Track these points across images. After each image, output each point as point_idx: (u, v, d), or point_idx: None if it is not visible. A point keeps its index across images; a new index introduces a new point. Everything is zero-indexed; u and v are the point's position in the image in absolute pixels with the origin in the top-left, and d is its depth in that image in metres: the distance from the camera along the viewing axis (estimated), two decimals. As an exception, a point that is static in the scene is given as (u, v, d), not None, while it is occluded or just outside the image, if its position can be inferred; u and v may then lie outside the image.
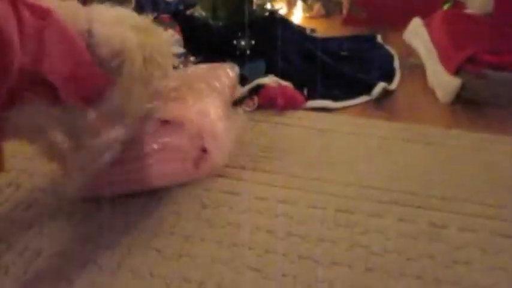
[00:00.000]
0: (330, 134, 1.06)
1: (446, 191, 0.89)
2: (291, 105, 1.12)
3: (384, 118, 1.14)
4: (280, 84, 1.16)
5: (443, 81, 1.20)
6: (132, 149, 0.79)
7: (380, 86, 1.20)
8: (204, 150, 0.84)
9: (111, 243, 0.78)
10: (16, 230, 0.80)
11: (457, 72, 1.17)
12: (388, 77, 1.28)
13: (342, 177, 0.93)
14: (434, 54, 1.27)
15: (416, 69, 1.33)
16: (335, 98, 1.18)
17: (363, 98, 1.20)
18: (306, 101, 1.16)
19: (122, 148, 0.79)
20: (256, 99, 1.10)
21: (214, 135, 0.82)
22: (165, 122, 0.82)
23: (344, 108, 1.18)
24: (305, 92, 1.17)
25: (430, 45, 1.30)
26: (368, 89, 1.21)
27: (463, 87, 1.16)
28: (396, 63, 1.35)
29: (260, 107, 1.11)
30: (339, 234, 0.80)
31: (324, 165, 0.96)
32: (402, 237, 0.79)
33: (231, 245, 0.78)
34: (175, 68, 1.23)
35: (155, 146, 0.80)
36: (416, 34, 1.39)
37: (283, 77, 1.19)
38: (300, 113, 1.13)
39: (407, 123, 1.11)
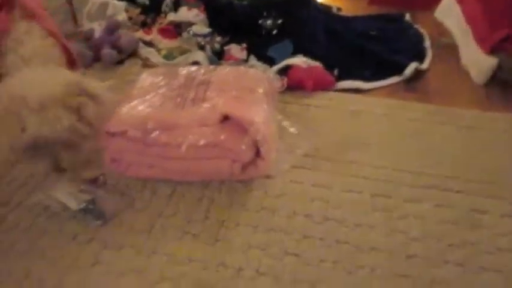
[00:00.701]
0: (362, 116, 1.03)
1: (484, 176, 0.87)
2: (321, 86, 1.09)
3: (416, 100, 1.10)
4: (309, 65, 1.12)
5: (477, 61, 1.16)
6: (179, 135, 0.76)
7: (412, 66, 1.16)
8: (257, 156, 0.80)
9: (145, 227, 0.77)
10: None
11: (492, 51, 1.13)
12: (419, 57, 1.24)
13: (377, 160, 0.90)
14: (468, 33, 1.22)
15: (448, 49, 1.29)
16: (366, 79, 1.14)
17: (394, 79, 1.16)
18: (336, 82, 1.12)
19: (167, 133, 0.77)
20: (285, 80, 1.06)
21: (272, 145, 0.79)
22: (226, 118, 0.78)
23: (375, 89, 1.15)
24: (336, 72, 1.14)
25: (464, 24, 1.25)
26: (399, 70, 1.17)
27: (498, 67, 1.12)
28: (427, 43, 1.31)
29: (289, 89, 1.08)
30: (376, 219, 0.78)
31: (358, 147, 0.94)
32: (442, 223, 0.77)
33: (268, 230, 0.77)
34: (202, 49, 1.21)
35: (209, 140, 0.76)
36: (449, 12, 1.34)
37: (311, 57, 1.16)
38: (331, 94, 1.10)
39: (441, 105, 1.08)
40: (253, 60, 1.20)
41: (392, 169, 0.89)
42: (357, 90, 1.14)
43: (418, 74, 1.19)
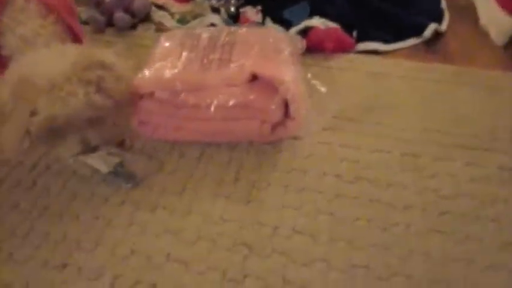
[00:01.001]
0: (384, 78, 1.02)
1: (509, 134, 0.86)
2: (341, 48, 1.07)
3: (436, 61, 1.09)
4: (328, 27, 1.10)
5: (498, 21, 1.14)
6: (208, 96, 0.75)
7: (431, 27, 1.15)
8: (286, 117, 0.78)
9: (177, 189, 0.76)
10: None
11: (512, 11, 1.11)
12: (437, 18, 1.21)
13: (402, 121, 0.90)
14: (487, -7, 1.20)
15: (465, 10, 1.27)
16: (385, 41, 1.13)
17: (413, 41, 1.15)
18: (356, 43, 1.11)
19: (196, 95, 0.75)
20: (304, 42, 1.05)
21: (302, 105, 0.77)
22: (254, 77, 0.76)
23: (395, 51, 1.13)
24: (354, 34, 1.12)
25: (482, -16, 1.23)
26: (418, 31, 1.15)
27: (519, 28, 1.10)
28: (443, 4, 1.29)
29: (308, 50, 1.06)
30: (407, 178, 0.78)
31: (382, 108, 0.93)
32: (472, 181, 0.78)
33: (299, 190, 0.77)
34: (216, 12, 1.19)
35: (239, 100, 0.74)
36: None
37: (328, 19, 1.14)
38: (351, 56, 1.08)
39: (462, 66, 1.07)
40: (269, 23, 1.17)
41: (419, 129, 0.88)
42: (376, 52, 1.12)
43: (437, 36, 1.18)
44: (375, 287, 0.63)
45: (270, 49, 0.84)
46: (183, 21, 1.20)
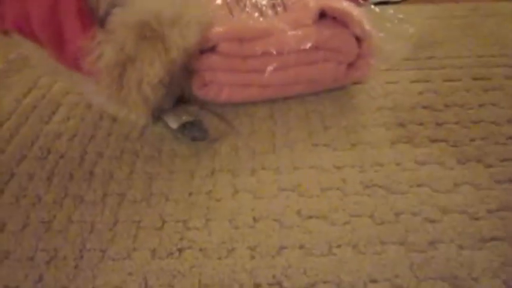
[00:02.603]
0: (411, 22, 0.99)
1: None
2: (355, 0, 1.03)
3: (448, 2, 1.09)
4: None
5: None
6: (276, 42, 0.66)
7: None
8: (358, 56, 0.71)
9: (268, 148, 0.67)
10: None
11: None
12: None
13: (454, 53, 0.88)
14: None
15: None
16: (393, -9, 1.11)
17: (417, -11, 1.14)
18: (369, -5, 1.07)
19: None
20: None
21: (373, 42, 0.70)
22: (322, 15, 0.69)
23: (403, 1, 1.12)
24: (363, -13, 1.09)
25: None
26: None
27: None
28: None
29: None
30: (492, 98, 0.75)
31: (428, 46, 0.91)
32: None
33: (398, 125, 0.70)
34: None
35: (314, 41, 0.67)
36: None
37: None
38: (367, 8, 1.04)
39: (471, 2, 1.08)
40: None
41: (475, 57, 0.86)
42: (386, 3, 1.10)
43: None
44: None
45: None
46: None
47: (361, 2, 0.95)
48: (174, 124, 0.67)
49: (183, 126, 0.67)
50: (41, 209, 0.59)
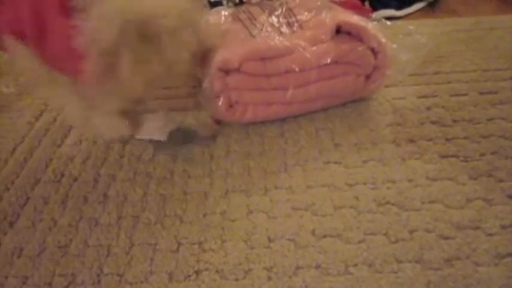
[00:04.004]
0: (415, 36, 1.00)
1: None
2: (366, 14, 1.05)
3: (448, 18, 1.10)
4: (341, -2, 1.08)
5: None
6: (298, 59, 0.67)
7: (432, -11, 1.17)
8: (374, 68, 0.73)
9: (279, 167, 0.67)
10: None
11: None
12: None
13: (459, 67, 0.89)
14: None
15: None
16: (395, 7, 1.12)
17: (419, 5, 1.16)
18: (372, 11, 1.09)
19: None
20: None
21: (387, 54, 0.72)
22: (337, 31, 0.71)
23: (406, 16, 1.13)
24: (366, 3, 1.10)
25: None
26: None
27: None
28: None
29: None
30: (504, 112, 0.76)
31: (434, 61, 0.91)
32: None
33: (409, 141, 0.71)
34: (219, 4, 1.11)
35: (335, 55, 0.68)
36: None
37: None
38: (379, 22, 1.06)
39: (473, 16, 1.09)
40: None
41: (480, 70, 0.87)
42: (389, 19, 1.11)
43: (436, -3, 1.20)
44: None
45: (326, 6, 0.78)
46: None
47: (371, 15, 0.96)
48: (161, 137, 0.67)
49: (170, 135, 0.67)
50: (57, 232, 0.59)
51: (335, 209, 0.60)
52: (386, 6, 1.13)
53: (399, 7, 1.14)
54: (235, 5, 1.11)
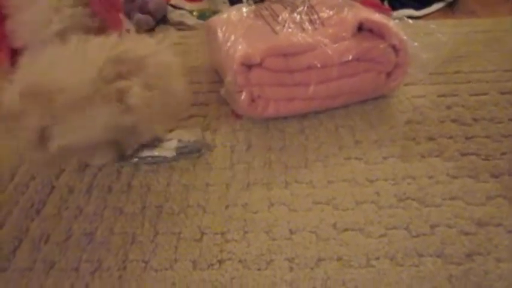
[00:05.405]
0: (436, 36, 1.00)
1: None
2: (386, 12, 1.06)
3: (466, 18, 1.10)
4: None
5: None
6: (320, 55, 0.68)
7: (452, -10, 1.17)
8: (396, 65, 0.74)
9: (300, 162, 0.68)
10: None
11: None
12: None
13: (479, 67, 0.89)
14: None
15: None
16: (414, 7, 1.13)
17: (438, 5, 1.16)
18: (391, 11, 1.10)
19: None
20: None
21: (408, 51, 0.73)
22: (358, 28, 0.71)
23: (425, 16, 1.14)
24: (385, 3, 1.11)
25: None
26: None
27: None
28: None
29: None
30: (521, 111, 0.76)
31: (453, 60, 0.92)
32: None
33: (428, 139, 0.71)
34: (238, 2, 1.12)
35: (356, 52, 0.69)
36: None
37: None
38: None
39: (492, 17, 1.09)
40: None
41: (500, 71, 0.87)
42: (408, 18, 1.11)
43: (455, -1, 1.20)
44: None
45: (348, 4, 0.79)
46: (203, 17, 1.12)
47: (391, 13, 0.97)
48: (169, 153, 0.68)
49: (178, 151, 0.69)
50: (82, 220, 0.60)
51: (356, 204, 0.60)
52: (405, 6, 1.13)
53: (418, 7, 1.14)
54: (255, 2, 1.12)
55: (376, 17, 0.72)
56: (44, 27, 0.61)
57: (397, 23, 0.75)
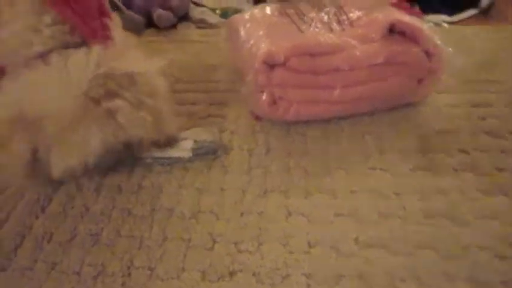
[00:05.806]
0: (467, 42, 0.96)
1: None
2: (418, 15, 1.01)
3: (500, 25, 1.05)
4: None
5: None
6: (348, 57, 0.64)
7: (487, -4, 1.12)
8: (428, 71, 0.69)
9: (322, 170, 0.64)
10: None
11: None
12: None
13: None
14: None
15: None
16: (446, 13, 1.08)
17: (471, 11, 1.11)
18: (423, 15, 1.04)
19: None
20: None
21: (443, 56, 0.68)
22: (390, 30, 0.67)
23: (457, 22, 1.09)
24: (417, 7, 1.06)
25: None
26: (473, 2, 1.12)
27: None
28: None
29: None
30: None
31: (487, 68, 0.86)
32: None
33: (460, 151, 0.66)
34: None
35: (387, 55, 0.65)
36: None
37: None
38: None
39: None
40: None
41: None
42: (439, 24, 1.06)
43: (490, 5, 1.15)
44: None
45: (380, 5, 0.74)
46: (226, 15, 1.09)
47: (422, 16, 0.92)
48: (185, 153, 0.65)
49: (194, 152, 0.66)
50: (88, 220, 0.57)
51: (380, 217, 0.56)
52: (437, 11, 1.08)
53: (451, 13, 1.09)
54: (280, 1, 1.08)
55: (410, 19, 0.67)
56: (25, 48, 0.58)
57: (432, 27, 0.70)
